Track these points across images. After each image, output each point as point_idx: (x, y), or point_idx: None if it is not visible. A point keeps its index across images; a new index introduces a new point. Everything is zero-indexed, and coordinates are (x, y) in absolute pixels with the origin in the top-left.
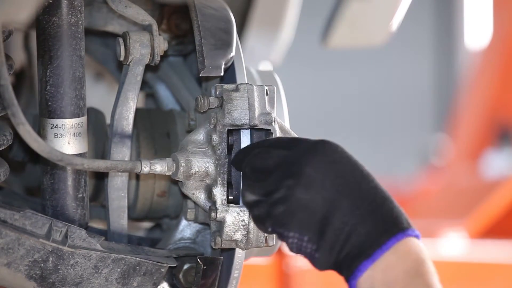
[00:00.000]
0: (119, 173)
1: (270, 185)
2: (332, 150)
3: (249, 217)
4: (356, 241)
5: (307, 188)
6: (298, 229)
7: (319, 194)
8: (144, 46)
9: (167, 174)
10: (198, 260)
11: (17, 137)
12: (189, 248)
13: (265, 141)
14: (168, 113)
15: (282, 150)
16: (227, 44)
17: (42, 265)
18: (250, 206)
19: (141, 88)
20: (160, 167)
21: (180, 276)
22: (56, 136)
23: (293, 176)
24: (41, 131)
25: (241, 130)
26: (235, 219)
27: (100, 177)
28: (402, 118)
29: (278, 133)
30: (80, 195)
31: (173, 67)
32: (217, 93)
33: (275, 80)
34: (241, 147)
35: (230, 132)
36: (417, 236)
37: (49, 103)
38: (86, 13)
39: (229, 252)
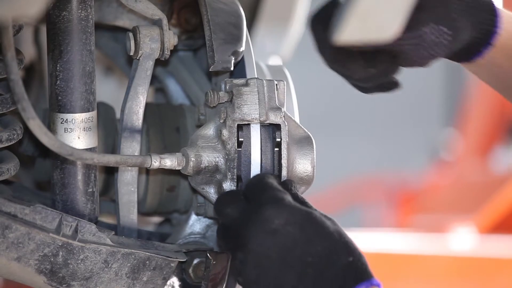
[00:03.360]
0: (129, 168)
1: (229, 247)
2: (274, 215)
3: None
4: None
5: (255, 265)
6: None
7: (267, 270)
8: (154, 41)
9: (177, 168)
10: (208, 255)
11: (27, 131)
12: (198, 243)
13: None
14: (178, 107)
15: (242, 204)
16: (237, 39)
17: (52, 259)
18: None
19: (151, 83)
20: (170, 161)
21: (190, 270)
22: (66, 131)
23: (242, 250)
24: (51, 126)
25: (251, 125)
26: None
27: (110, 172)
28: (412, 113)
29: (288, 128)
30: (90, 190)
31: (183, 62)
32: (227, 87)
33: (285, 75)
34: (251, 142)
35: (240, 126)
36: (378, 286)
37: (59, 98)
38: (96, 7)
39: None
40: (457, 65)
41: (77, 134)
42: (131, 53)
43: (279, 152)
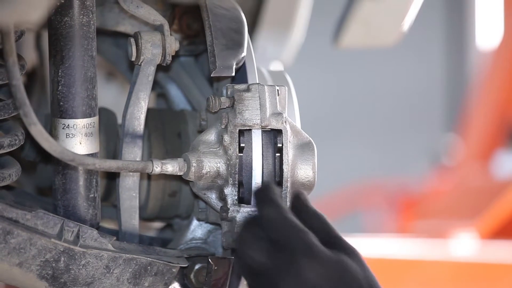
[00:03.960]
0: (131, 173)
1: None
2: (308, 269)
3: None
4: None
5: None
6: None
7: None
8: (156, 46)
9: (178, 174)
10: (209, 260)
11: (29, 137)
12: (200, 248)
13: (255, 223)
14: (179, 113)
15: (265, 253)
16: (239, 44)
17: (53, 265)
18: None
19: (153, 88)
20: (171, 167)
21: (191, 276)
22: (67, 136)
23: None
24: (52, 131)
25: (253, 130)
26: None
27: (112, 177)
28: (413, 118)
29: (289, 133)
30: (92, 195)
31: (184, 67)
32: (228, 93)
33: (286, 80)
34: (252, 148)
35: (241, 132)
36: None
37: (61, 103)
38: (97, 13)
39: None
40: (457, 71)
41: (78, 140)
42: (133, 59)
43: (281, 157)
